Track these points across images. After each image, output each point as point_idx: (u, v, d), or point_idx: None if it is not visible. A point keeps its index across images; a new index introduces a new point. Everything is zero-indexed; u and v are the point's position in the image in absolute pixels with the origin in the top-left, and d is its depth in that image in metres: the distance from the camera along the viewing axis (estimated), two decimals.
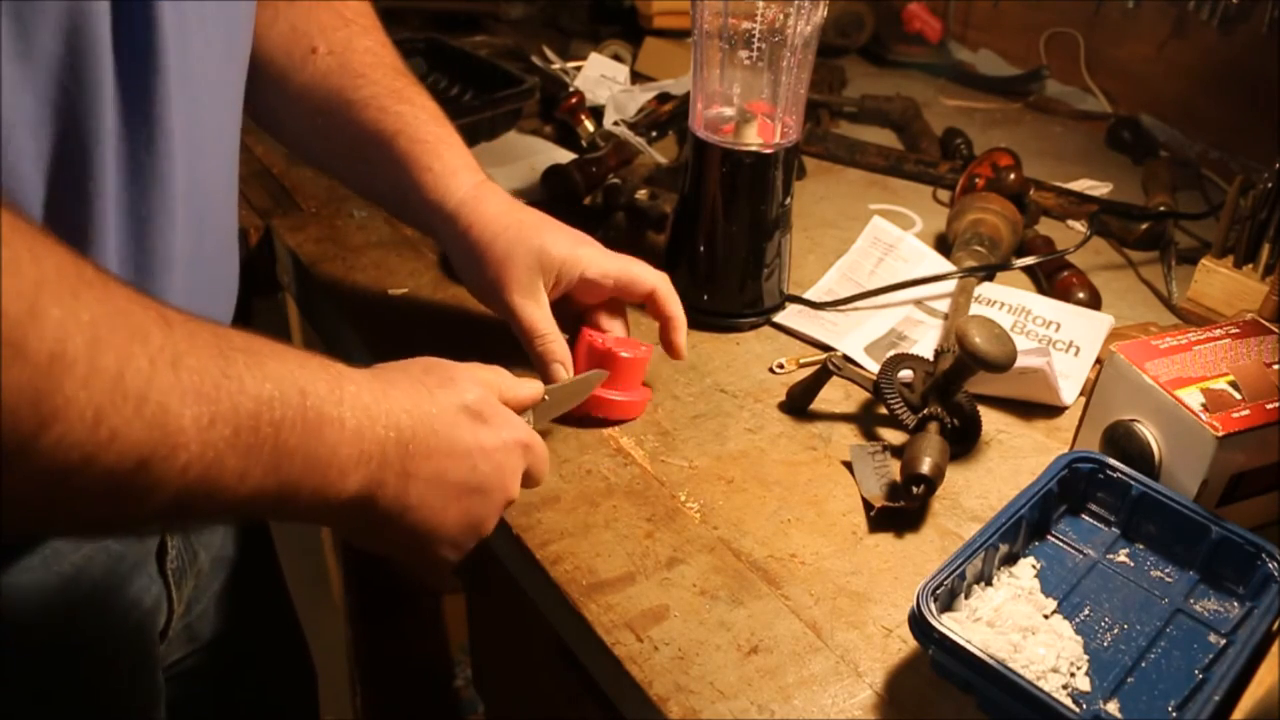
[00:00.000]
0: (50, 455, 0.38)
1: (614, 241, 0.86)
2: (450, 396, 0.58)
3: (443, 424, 0.56)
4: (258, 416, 0.45)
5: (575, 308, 0.79)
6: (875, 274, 0.96)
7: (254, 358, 0.46)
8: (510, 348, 0.85)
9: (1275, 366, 0.70)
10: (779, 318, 0.91)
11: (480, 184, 0.77)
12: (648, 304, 0.78)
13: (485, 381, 0.62)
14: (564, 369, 0.75)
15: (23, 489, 0.39)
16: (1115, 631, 0.61)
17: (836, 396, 0.82)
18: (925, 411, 0.74)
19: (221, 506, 0.46)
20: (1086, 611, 0.62)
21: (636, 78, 1.37)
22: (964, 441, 0.77)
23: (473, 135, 1.10)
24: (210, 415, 0.43)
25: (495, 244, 0.74)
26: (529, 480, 0.64)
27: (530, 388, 0.67)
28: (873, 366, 0.84)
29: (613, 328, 0.79)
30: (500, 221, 0.75)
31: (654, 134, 1.16)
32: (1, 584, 0.60)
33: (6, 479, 0.38)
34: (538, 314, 0.75)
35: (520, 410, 0.66)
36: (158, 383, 0.41)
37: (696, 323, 0.89)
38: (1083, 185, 1.16)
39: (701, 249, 0.88)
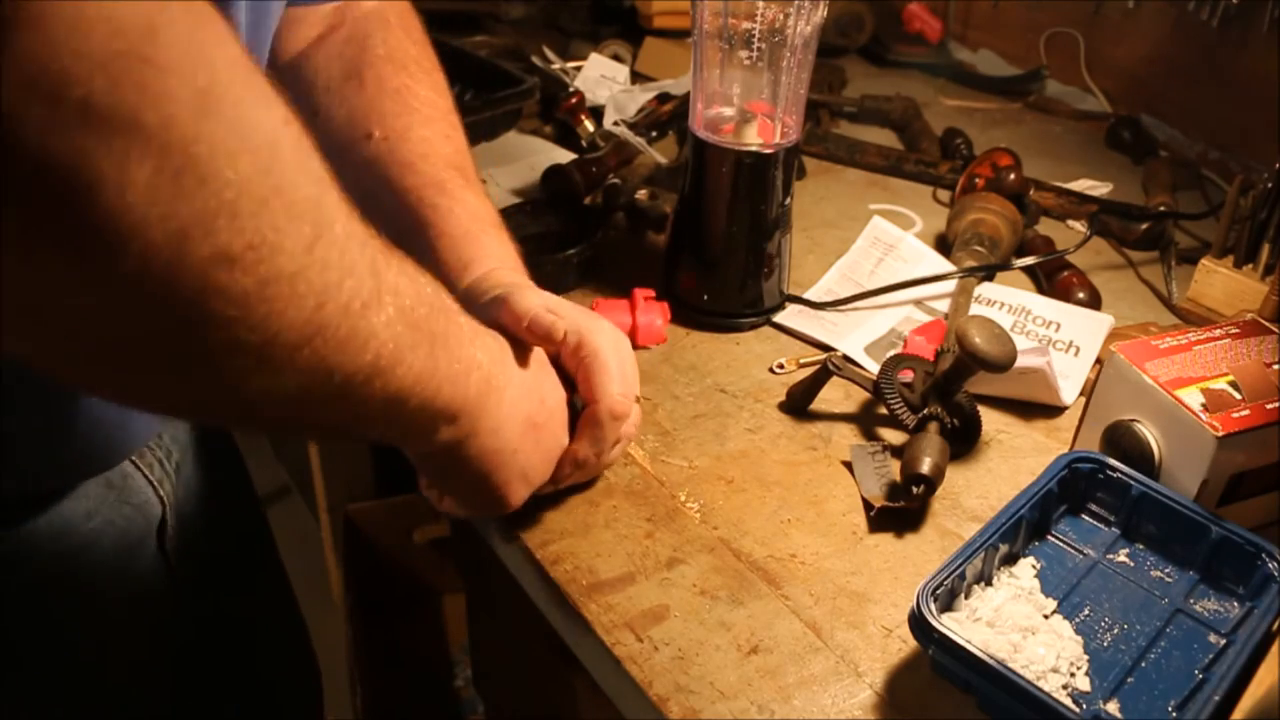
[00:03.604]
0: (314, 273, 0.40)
1: (614, 241, 0.86)
2: (537, 363, 0.63)
3: (531, 386, 0.61)
4: (415, 310, 0.48)
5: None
6: (875, 274, 0.96)
7: (402, 264, 0.48)
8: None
9: (1275, 366, 0.70)
10: (779, 318, 0.91)
11: (481, 278, 0.73)
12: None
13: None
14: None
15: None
16: (1115, 631, 0.61)
17: (836, 396, 0.82)
18: (925, 411, 0.74)
19: (398, 386, 0.48)
20: (1086, 611, 0.62)
21: (636, 78, 1.37)
22: (964, 441, 0.77)
23: (473, 135, 1.10)
24: (394, 311, 0.46)
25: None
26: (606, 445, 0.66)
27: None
28: (873, 366, 0.84)
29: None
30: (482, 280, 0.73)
31: (654, 134, 1.16)
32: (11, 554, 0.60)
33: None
34: (528, 305, 0.76)
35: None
36: (354, 242, 0.44)
37: (697, 323, 0.89)
38: (1083, 185, 1.16)
39: (701, 249, 0.88)
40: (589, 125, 1.19)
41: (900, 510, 0.70)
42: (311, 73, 0.76)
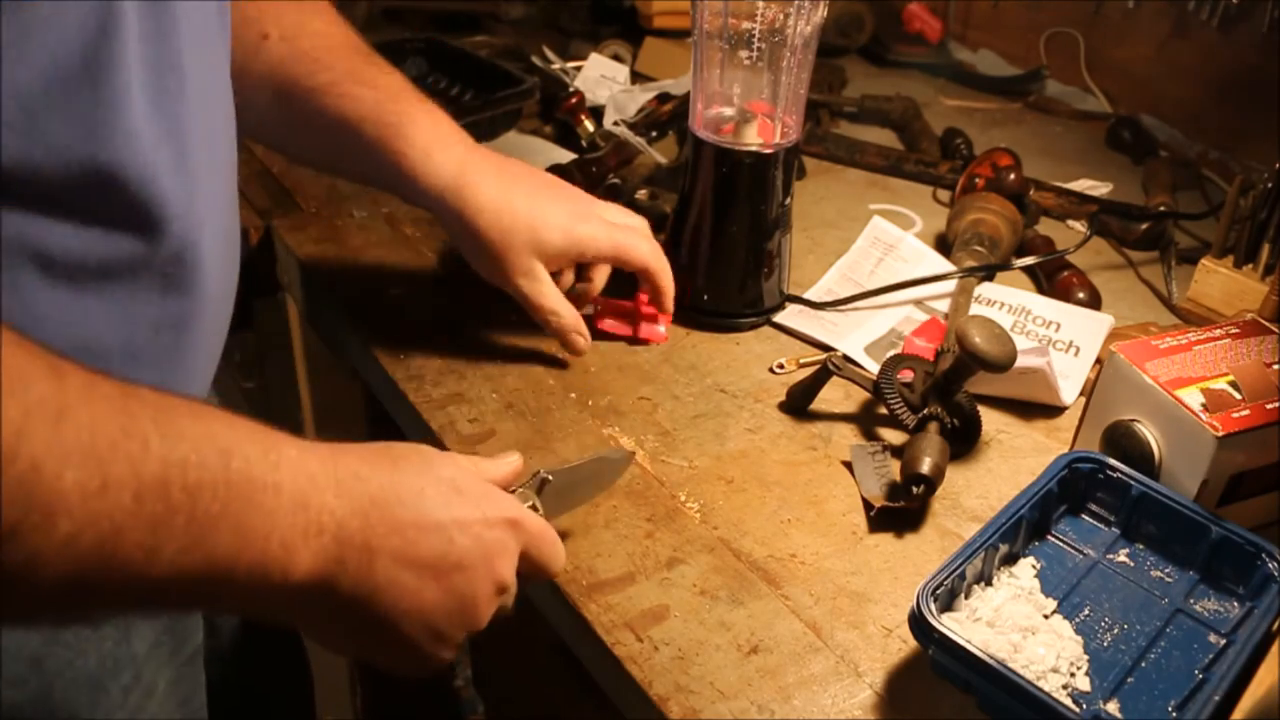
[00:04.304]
0: None
1: None
2: (418, 466, 0.52)
3: (409, 493, 0.50)
4: (166, 481, 0.39)
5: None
6: (875, 274, 0.96)
7: (166, 415, 0.41)
8: (513, 347, 0.85)
9: (1275, 366, 0.70)
10: (779, 318, 0.91)
11: (464, 162, 0.75)
12: (642, 276, 0.81)
13: (458, 459, 0.56)
14: (582, 339, 0.78)
15: None
16: (1115, 631, 0.61)
17: (836, 396, 0.82)
18: (925, 411, 0.74)
19: (135, 590, 0.40)
20: (1086, 611, 0.62)
21: (636, 78, 1.37)
22: (964, 441, 0.77)
23: (473, 135, 1.10)
24: (101, 479, 0.37)
25: (491, 232, 0.74)
26: (535, 566, 0.57)
27: (509, 465, 0.61)
28: (873, 366, 0.84)
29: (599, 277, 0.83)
30: (492, 207, 0.74)
31: (654, 134, 1.16)
32: None
33: None
34: (544, 292, 0.76)
35: (505, 489, 0.60)
36: (31, 438, 0.36)
37: (697, 323, 0.89)
38: (1083, 185, 1.16)
39: (701, 249, 0.88)
40: (589, 125, 1.19)
41: (900, 510, 0.70)
42: None
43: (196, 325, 0.60)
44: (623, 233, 0.80)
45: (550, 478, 0.62)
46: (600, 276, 0.84)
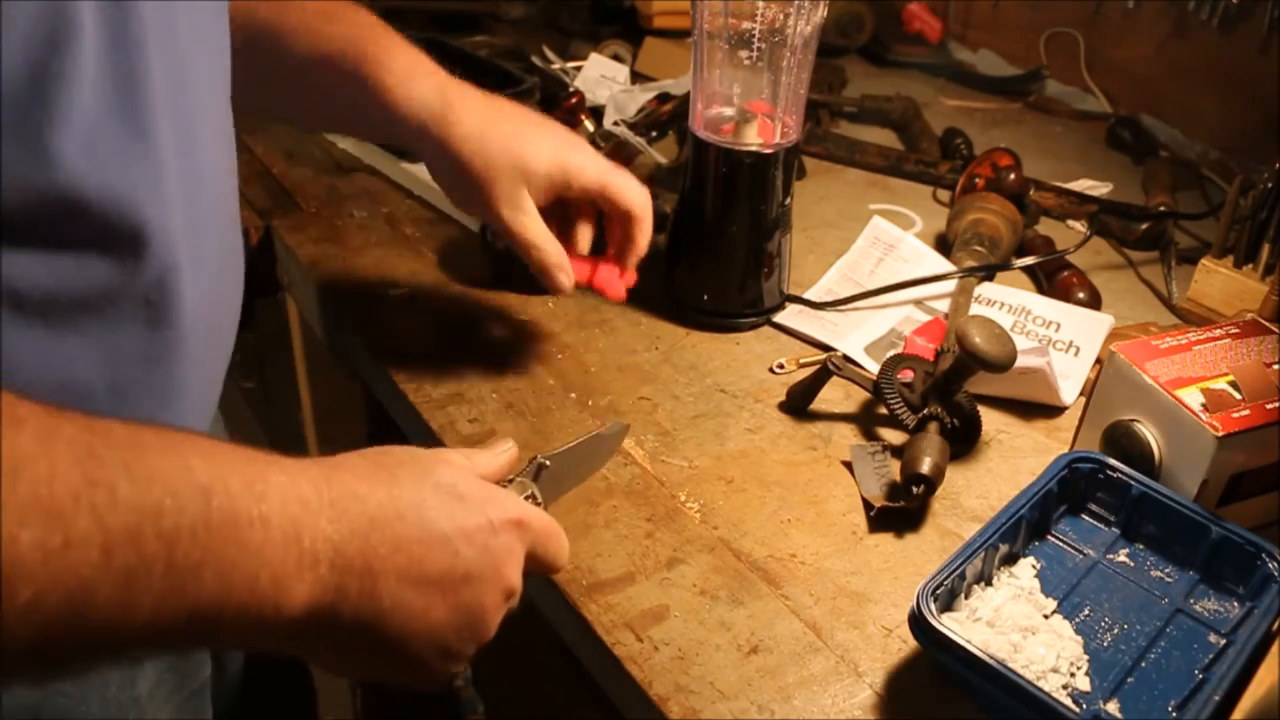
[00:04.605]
0: None
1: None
2: (415, 475, 0.50)
3: (410, 506, 0.48)
4: (138, 531, 0.36)
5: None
6: (875, 274, 0.96)
7: (137, 455, 0.38)
8: (513, 347, 0.85)
9: (1275, 366, 0.70)
10: (779, 318, 0.91)
11: (445, 90, 0.73)
12: (620, 221, 0.77)
13: (453, 460, 0.54)
14: (566, 276, 0.74)
15: None
16: (1115, 631, 0.61)
17: (836, 396, 0.82)
18: (925, 411, 0.74)
19: (113, 643, 0.38)
20: (1086, 611, 0.62)
21: (636, 78, 1.37)
22: (964, 441, 0.77)
23: None
24: (64, 536, 0.35)
25: (475, 159, 0.71)
26: (541, 565, 0.56)
27: (504, 454, 0.59)
28: (873, 366, 0.84)
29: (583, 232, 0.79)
30: (476, 133, 0.71)
31: (654, 134, 1.16)
32: None
33: None
34: (529, 224, 0.73)
35: (502, 481, 0.58)
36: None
37: (697, 323, 0.89)
38: (1083, 185, 1.16)
39: (701, 249, 0.88)
40: (589, 125, 1.19)
41: (900, 510, 0.70)
42: None
43: (188, 356, 0.56)
44: (612, 171, 0.76)
45: (547, 463, 0.61)
46: (584, 238, 0.79)
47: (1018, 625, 0.60)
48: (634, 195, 0.76)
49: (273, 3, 0.72)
